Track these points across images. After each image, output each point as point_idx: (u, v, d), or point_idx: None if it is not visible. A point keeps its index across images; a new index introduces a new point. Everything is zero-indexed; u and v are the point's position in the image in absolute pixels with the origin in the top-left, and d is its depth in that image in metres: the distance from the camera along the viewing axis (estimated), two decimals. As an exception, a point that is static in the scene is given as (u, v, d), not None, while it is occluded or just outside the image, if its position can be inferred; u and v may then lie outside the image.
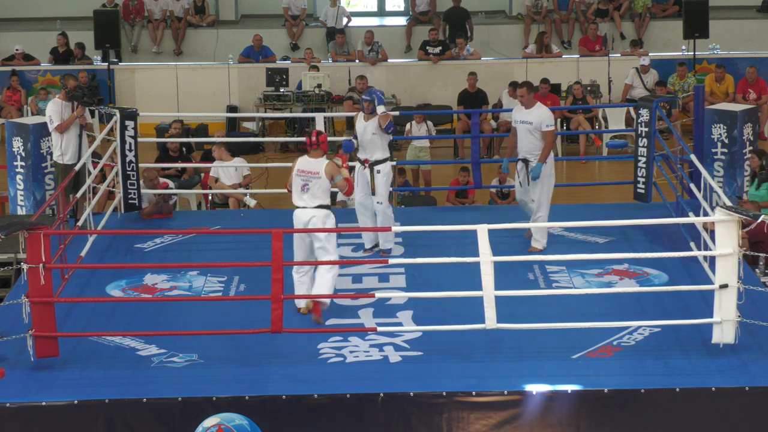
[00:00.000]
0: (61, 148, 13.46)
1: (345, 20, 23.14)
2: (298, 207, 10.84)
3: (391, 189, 12.69)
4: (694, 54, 21.32)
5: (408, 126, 17.61)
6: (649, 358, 9.72)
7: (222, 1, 24.25)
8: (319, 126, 14.96)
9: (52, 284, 9.58)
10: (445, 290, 10.35)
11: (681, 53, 21.87)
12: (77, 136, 13.46)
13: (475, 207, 15.22)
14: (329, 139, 15.43)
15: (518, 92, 12.49)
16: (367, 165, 12.21)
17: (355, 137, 12.29)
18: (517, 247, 12.23)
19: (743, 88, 20.26)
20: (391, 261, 11.37)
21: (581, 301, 10.68)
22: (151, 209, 13.95)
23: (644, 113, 13.68)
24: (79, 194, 12.61)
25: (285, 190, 16.19)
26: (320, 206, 10.74)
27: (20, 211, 14.39)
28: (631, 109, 18.55)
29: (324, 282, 10.53)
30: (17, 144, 14.47)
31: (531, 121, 12.23)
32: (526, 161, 12.28)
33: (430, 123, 17.65)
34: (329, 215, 10.77)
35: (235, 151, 16.31)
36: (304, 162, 10.86)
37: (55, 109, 13.43)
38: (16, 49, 21.95)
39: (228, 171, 15.69)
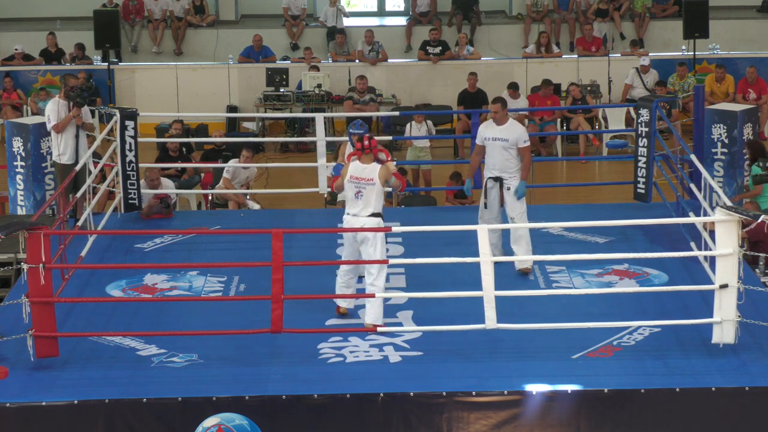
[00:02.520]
0: (59, 148, 13.48)
1: (345, 20, 23.14)
2: (349, 214, 10.63)
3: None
4: (694, 54, 21.33)
5: (408, 126, 17.61)
6: (649, 358, 9.71)
7: (222, 1, 24.26)
8: (319, 126, 14.90)
9: (52, 284, 9.57)
10: (445, 290, 10.35)
11: (681, 53, 21.88)
12: (74, 136, 13.44)
13: (475, 207, 15.11)
14: (330, 139, 15.56)
15: (492, 108, 11.89)
16: None
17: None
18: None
19: (743, 88, 20.27)
20: (391, 261, 11.36)
21: (581, 301, 10.68)
22: (147, 210, 13.94)
23: (644, 113, 13.68)
24: (78, 194, 12.61)
25: (285, 190, 16.42)
26: (372, 215, 10.54)
27: (20, 211, 14.39)
28: (631, 109, 18.56)
29: (371, 307, 10.41)
30: (17, 144, 14.47)
31: (507, 138, 11.67)
32: (499, 179, 11.78)
33: (429, 123, 17.64)
34: (380, 224, 10.56)
35: (235, 151, 16.33)
36: (356, 168, 10.57)
37: (53, 108, 13.46)
38: (16, 49, 21.95)
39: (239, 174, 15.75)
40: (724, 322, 9.68)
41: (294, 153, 19.96)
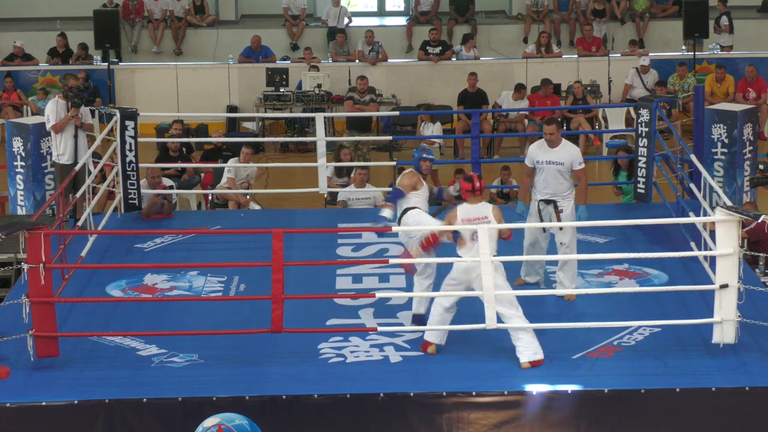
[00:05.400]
0: (59, 148, 13.49)
1: (346, 20, 23.16)
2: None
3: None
4: (694, 54, 21.33)
5: (420, 126, 17.68)
6: (649, 358, 9.72)
7: (222, 1, 24.27)
8: (319, 126, 14.88)
9: (52, 284, 9.57)
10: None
11: (681, 53, 21.88)
12: (73, 136, 13.45)
13: (474, 207, 15.18)
14: (330, 139, 15.58)
15: (546, 130, 11.11)
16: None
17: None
18: (517, 247, 12.20)
19: (743, 87, 20.28)
20: (392, 261, 11.35)
21: (581, 301, 10.68)
22: (147, 210, 13.93)
23: (644, 113, 13.68)
24: (78, 194, 12.61)
25: (285, 190, 16.42)
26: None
27: (20, 211, 14.39)
28: (631, 109, 18.55)
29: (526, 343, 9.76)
30: (17, 144, 14.47)
31: (562, 162, 11.08)
32: (551, 202, 11.18)
33: (437, 123, 17.76)
34: (498, 265, 9.79)
35: (235, 151, 16.32)
36: (466, 210, 9.98)
37: (52, 109, 13.48)
38: (14, 43, 21.88)
39: (239, 173, 15.74)
40: (724, 322, 9.68)
41: (294, 153, 19.97)
